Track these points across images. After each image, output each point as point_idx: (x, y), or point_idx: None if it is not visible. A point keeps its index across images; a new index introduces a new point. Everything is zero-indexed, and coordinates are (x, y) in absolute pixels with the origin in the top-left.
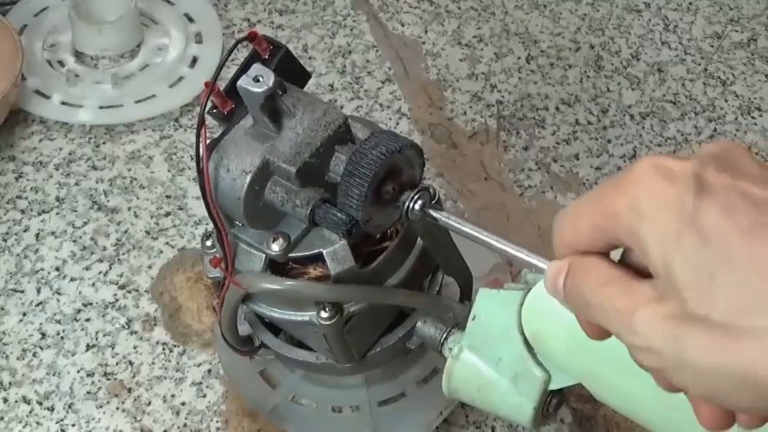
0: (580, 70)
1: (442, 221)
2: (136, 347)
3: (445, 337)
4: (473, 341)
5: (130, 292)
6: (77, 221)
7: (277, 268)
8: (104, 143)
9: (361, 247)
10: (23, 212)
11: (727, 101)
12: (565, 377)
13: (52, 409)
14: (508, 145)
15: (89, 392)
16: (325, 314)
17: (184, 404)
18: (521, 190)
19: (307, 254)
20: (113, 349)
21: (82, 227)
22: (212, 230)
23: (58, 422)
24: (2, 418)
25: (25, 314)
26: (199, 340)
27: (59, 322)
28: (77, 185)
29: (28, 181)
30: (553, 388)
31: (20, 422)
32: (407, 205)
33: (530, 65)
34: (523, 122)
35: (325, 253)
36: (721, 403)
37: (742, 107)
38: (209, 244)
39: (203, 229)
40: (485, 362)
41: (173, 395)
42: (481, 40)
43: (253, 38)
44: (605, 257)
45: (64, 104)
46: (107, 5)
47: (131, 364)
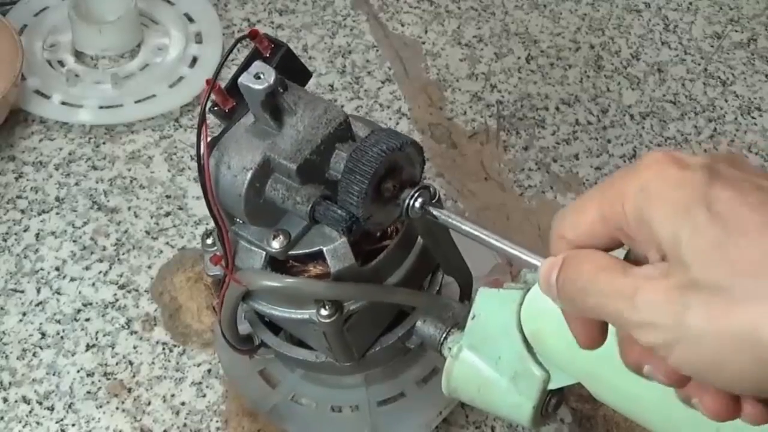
0: (580, 70)
1: (442, 219)
2: (136, 347)
3: (444, 336)
4: (473, 340)
5: (130, 292)
6: (77, 221)
7: (277, 265)
8: (104, 143)
9: (361, 245)
10: (23, 212)
11: (727, 101)
12: (564, 376)
13: (52, 409)
14: (508, 145)
15: (89, 392)
16: (325, 312)
17: (184, 404)
18: (521, 190)
19: (307, 252)
20: (113, 349)
21: (82, 227)
22: (213, 228)
23: (58, 422)
24: (2, 418)
25: (25, 314)
26: (199, 340)
27: (59, 322)
28: (77, 185)
29: (28, 181)
30: (552, 387)
31: (20, 422)
32: (407, 202)
33: (530, 65)
34: (523, 122)
35: (325, 250)
36: (720, 380)
37: (742, 107)
38: (210, 242)
39: (203, 228)
40: (485, 361)
41: (173, 395)
42: (481, 40)
43: (254, 36)
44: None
45: (64, 104)
46: (107, 5)
47: (131, 364)
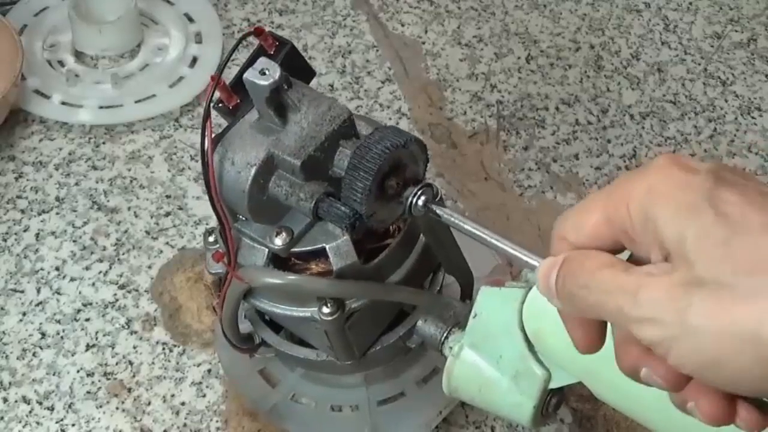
0: (580, 70)
1: (444, 217)
2: (136, 347)
3: (445, 336)
4: (474, 339)
5: (130, 292)
6: (77, 221)
7: (279, 262)
8: (104, 143)
9: (363, 243)
10: (23, 212)
11: (727, 101)
12: (565, 375)
13: (52, 408)
14: (508, 145)
15: (89, 392)
16: (326, 310)
17: (184, 404)
18: (521, 190)
19: (309, 249)
20: (113, 349)
21: (82, 227)
22: (215, 227)
23: (58, 422)
24: (2, 418)
25: (25, 314)
26: (199, 340)
27: (59, 322)
28: (77, 185)
29: (28, 181)
30: (553, 386)
31: (20, 422)
32: (410, 200)
33: (530, 65)
34: (523, 122)
35: (327, 248)
36: (720, 379)
37: (742, 107)
38: (212, 240)
39: (203, 228)
40: (486, 360)
41: (173, 395)
42: (481, 40)
43: (259, 33)
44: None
45: (64, 104)
46: (107, 5)
47: (131, 364)
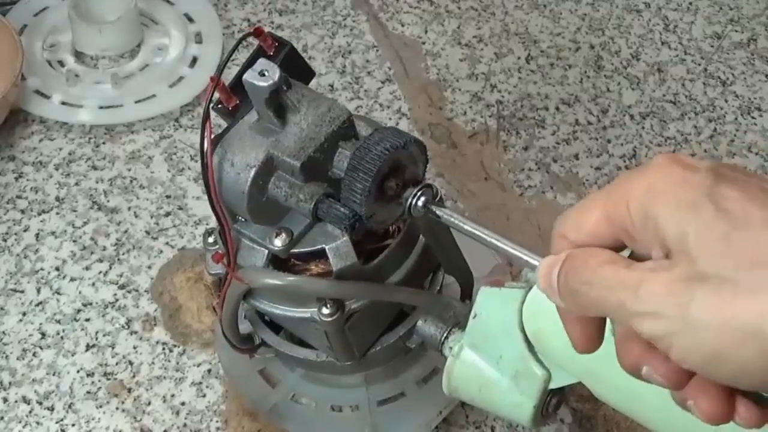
0: (580, 70)
1: (444, 218)
2: (136, 347)
3: (445, 336)
4: (474, 339)
5: (130, 292)
6: (77, 221)
7: (279, 263)
8: (104, 143)
9: (363, 244)
10: (23, 212)
11: (727, 101)
12: (565, 376)
13: (52, 409)
14: (508, 145)
15: (89, 392)
16: (326, 311)
17: (184, 404)
18: (521, 190)
19: (309, 250)
20: (113, 349)
21: (82, 227)
22: (214, 227)
23: (58, 422)
24: (2, 418)
25: (25, 314)
26: (199, 340)
27: (59, 322)
28: (77, 185)
29: (28, 181)
30: (553, 386)
31: (20, 422)
32: (410, 201)
33: (530, 65)
34: (523, 122)
35: (327, 248)
36: (722, 373)
37: (742, 107)
38: (211, 240)
39: (203, 228)
40: (486, 361)
41: (173, 395)
42: (481, 40)
43: (258, 34)
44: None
45: (64, 104)
46: (107, 5)
47: (131, 364)
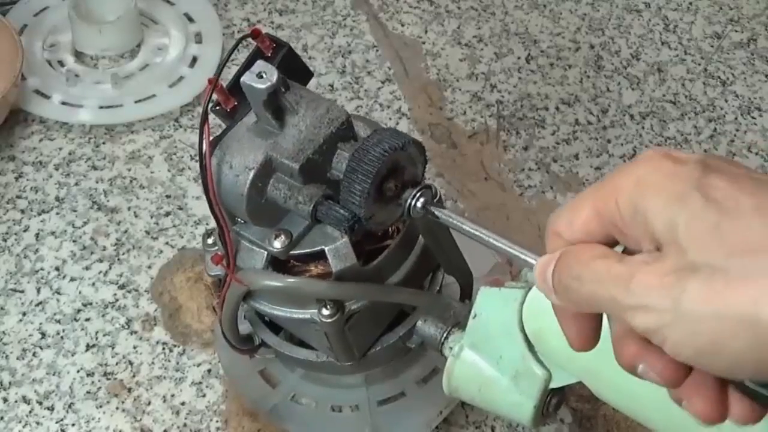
0: (580, 70)
1: (443, 219)
2: (136, 347)
3: (445, 336)
4: (474, 339)
5: (130, 292)
6: (77, 221)
7: (278, 265)
8: (104, 143)
9: (362, 245)
10: (23, 212)
11: (727, 101)
12: (565, 375)
13: (52, 408)
14: (508, 145)
15: (89, 392)
16: (326, 312)
17: (184, 404)
18: (521, 190)
19: (309, 251)
20: (113, 348)
21: (82, 227)
22: (213, 228)
23: (58, 422)
24: (2, 418)
25: (25, 314)
26: (199, 340)
27: (59, 321)
28: (77, 185)
29: (28, 181)
30: (553, 386)
31: (20, 422)
32: (409, 202)
33: (530, 65)
34: (523, 122)
35: (327, 250)
36: (718, 364)
37: (742, 107)
38: (210, 241)
39: (203, 228)
40: (486, 361)
41: (173, 395)
42: (481, 40)
43: (256, 35)
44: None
45: (64, 104)
46: (107, 5)
47: (131, 364)
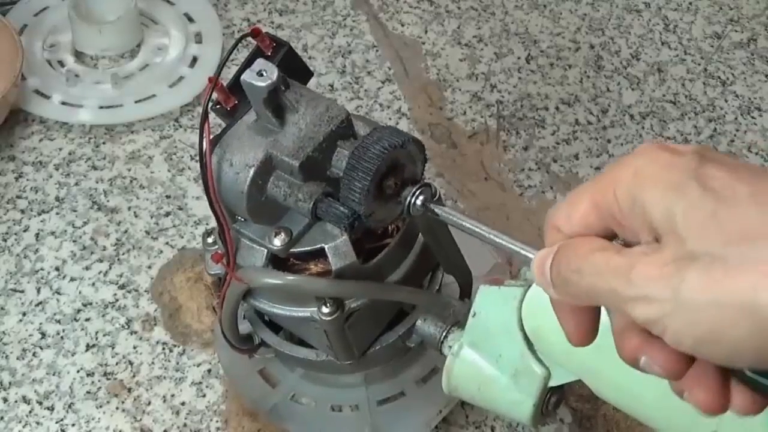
0: (580, 70)
1: (443, 216)
2: (136, 347)
3: (445, 334)
4: (473, 338)
5: (130, 292)
6: (77, 221)
7: (278, 263)
8: (104, 143)
9: (362, 243)
10: (23, 212)
11: (727, 101)
12: (565, 373)
13: (52, 408)
14: (508, 145)
15: (89, 392)
16: (326, 310)
17: (184, 404)
18: (521, 190)
19: (308, 249)
20: (113, 349)
21: (82, 227)
22: (214, 227)
23: (58, 422)
24: (2, 418)
25: (25, 314)
26: (199, 340)
27: (59, 322)
28: (77, 185)
29: (28, 181)
30: (553, 384)
31: (20, 422)
32: (409, 200)
33: (530, 65)
34: (523, 122)
35: (326, 248)
36: (719, 352)
37: (742, 107)
38: (210, 240)
39: (203, 228)
40: (485, 359)
41: (173, 395)
42: (481, 40)
43: (256, 35)
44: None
45: (64, 104)
46: (107, 5)
47: (131, 364)
